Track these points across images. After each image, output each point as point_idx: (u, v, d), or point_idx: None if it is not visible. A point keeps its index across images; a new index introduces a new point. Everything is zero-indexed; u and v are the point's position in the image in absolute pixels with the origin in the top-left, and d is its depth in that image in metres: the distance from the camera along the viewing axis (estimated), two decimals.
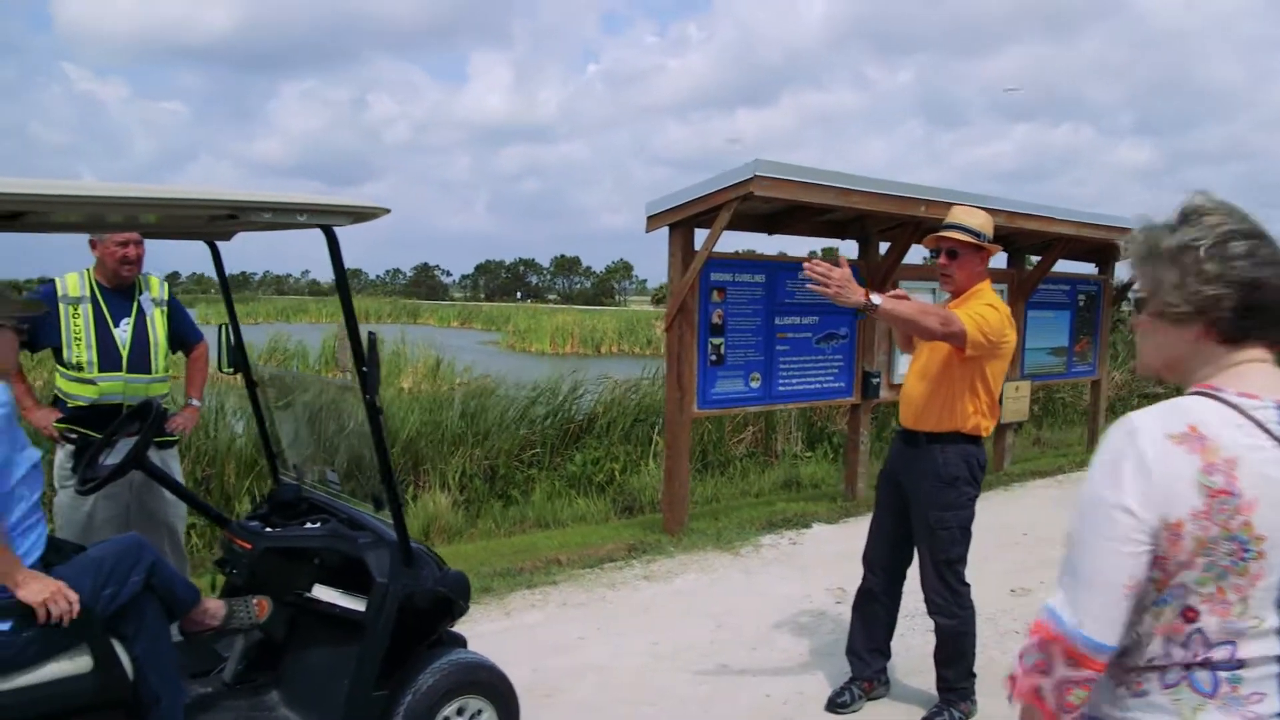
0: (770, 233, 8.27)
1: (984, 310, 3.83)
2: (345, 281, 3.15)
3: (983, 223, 4.00)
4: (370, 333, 3.07)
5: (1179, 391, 1.75)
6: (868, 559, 4.38)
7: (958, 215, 4.02)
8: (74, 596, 2.83)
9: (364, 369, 3.06)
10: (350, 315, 3.17)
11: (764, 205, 7.52)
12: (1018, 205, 8.49)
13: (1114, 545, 1.55)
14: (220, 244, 3.91)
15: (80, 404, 4.37)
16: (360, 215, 3.09)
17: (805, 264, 3.49)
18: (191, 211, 3.06)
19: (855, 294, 3.47)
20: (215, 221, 3.34)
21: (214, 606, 3.52)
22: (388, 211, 3.18)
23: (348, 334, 3.15)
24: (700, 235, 7.12)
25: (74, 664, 2.87)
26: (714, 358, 7.41)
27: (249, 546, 3.50)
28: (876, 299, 3.54)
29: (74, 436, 4.35)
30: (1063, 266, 10.53)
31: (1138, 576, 1.56)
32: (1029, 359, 10.07)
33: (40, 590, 2.79)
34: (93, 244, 4.47)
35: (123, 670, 2.95)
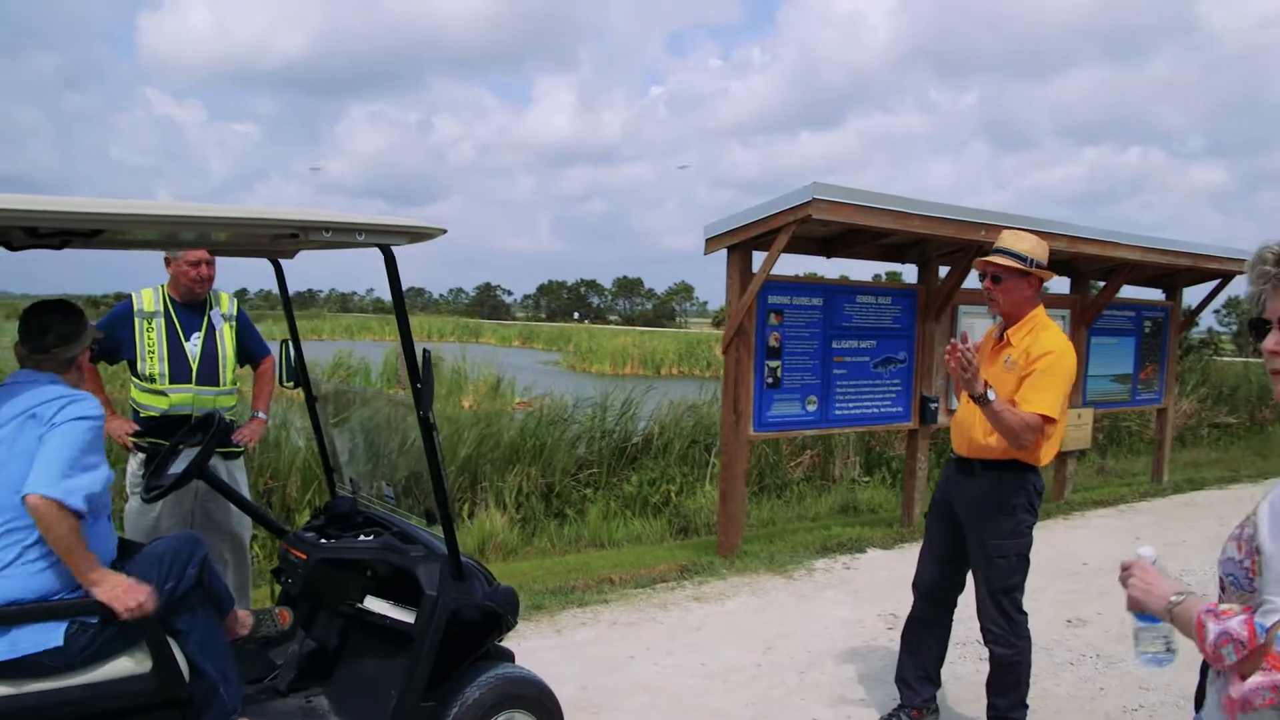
0: (828, 256, 8.26)
1: (1048, 374, 3.78)
2: (402, 300, 3.22)
3: (1031, 248, 3.94)
4: (425, 350, 3.14)
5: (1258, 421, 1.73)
6: (918, 586, 4.34)
7: (1005, 240, 3.99)
8: (147, 590, 2.95)
9: (418, 385, 3.13)
10: (406, 333, 3.24)
11: (821, 228, 7.51)
12: (1080, 230, 8.36)
13: None
14: (286, 262, 4.03)
15: (152, 414, 4.53)
16: (417, 235, 3.17)
17: (949, 347, 3.68)
18: (255, 230, 3.16)
19: (978, 386, 3.69)
20: (278, 240, 3.44)
21: (243, 615, 3.69)
22: (444, 232, 3.26)
23: (403, 351, 3.22)
24: (758, 258, 7.13)
25: (134, 663, 2.97)
26: (770, 380, 7.41)
27: (304, 557, 3.58)
28: (991, 395, 3.72)
29: (145, 445, 4.49)
30: (1128, 292, 10.38)
31: None
32: (1091, 386, 9.88)
33: (113, 586, 2.90)
34: (167, 262, 4.63)
35: (179, 669, 3.04)
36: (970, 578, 4.15)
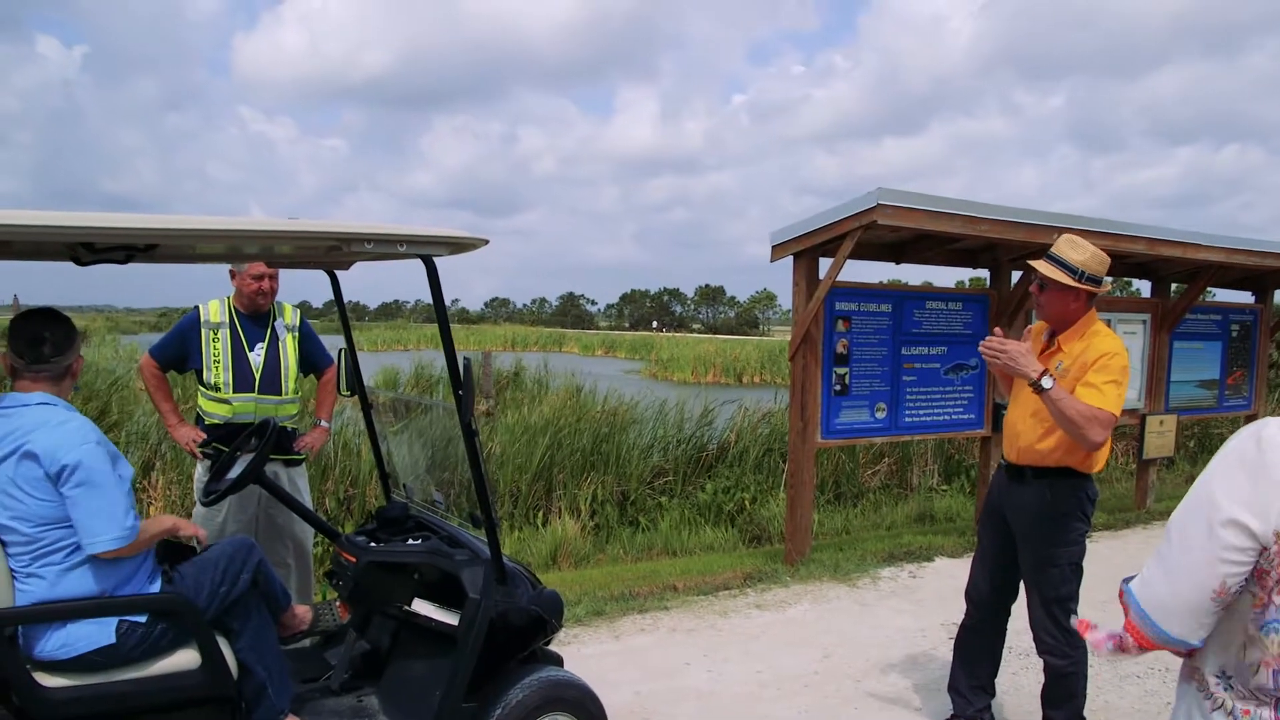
0: (897, 261, 8.16)
1: (1105, 371, 3.65)
2: (444, 309, 3.29)
3: (1086, 259, 3.73)
4: (465, 358, 3.21)
5: None
6: (970, 594, 4.27)
7: (1059, 246, 3.80)
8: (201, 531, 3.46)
9: (459, 393, 3.20)
10: (448, 341, 3.31)
11: (889, 234, 7.44)
12: (1159, 231, 8.10)
13: (1212, 551, 1.53)
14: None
15: (216, 421, 4.70)
16: (458, 246, 3.24)
17: (983, 343, 3.65)
18: (300, 243, 3.27)
19: (1029, 367, 3.56)
20: (330, 252, 3.56)
21: (302, 611, 3.81)
22: (485, 243, 3.32)
23: (446, 359, 3.30)
24: (825, 265, 7.09)
25: (184, 660, 3.10)
26: (838, 387, 7.36)
27: (353, 560, 3.68)
28: (1048, 382, 3.56)
29: (209, 452, 4.66)
30: (1215, 296, 10.04)
31: (1230, 587, 1.54)
32: (1174, 392, 9.56)
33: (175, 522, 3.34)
34: (232, 275, 4.80)
35: (227, 667, 3.15)
36: (1023, 586, 4.07)
